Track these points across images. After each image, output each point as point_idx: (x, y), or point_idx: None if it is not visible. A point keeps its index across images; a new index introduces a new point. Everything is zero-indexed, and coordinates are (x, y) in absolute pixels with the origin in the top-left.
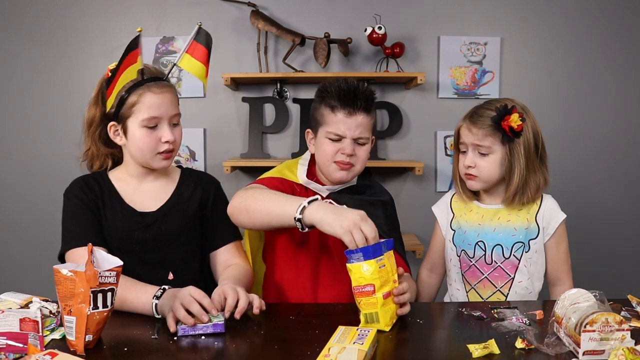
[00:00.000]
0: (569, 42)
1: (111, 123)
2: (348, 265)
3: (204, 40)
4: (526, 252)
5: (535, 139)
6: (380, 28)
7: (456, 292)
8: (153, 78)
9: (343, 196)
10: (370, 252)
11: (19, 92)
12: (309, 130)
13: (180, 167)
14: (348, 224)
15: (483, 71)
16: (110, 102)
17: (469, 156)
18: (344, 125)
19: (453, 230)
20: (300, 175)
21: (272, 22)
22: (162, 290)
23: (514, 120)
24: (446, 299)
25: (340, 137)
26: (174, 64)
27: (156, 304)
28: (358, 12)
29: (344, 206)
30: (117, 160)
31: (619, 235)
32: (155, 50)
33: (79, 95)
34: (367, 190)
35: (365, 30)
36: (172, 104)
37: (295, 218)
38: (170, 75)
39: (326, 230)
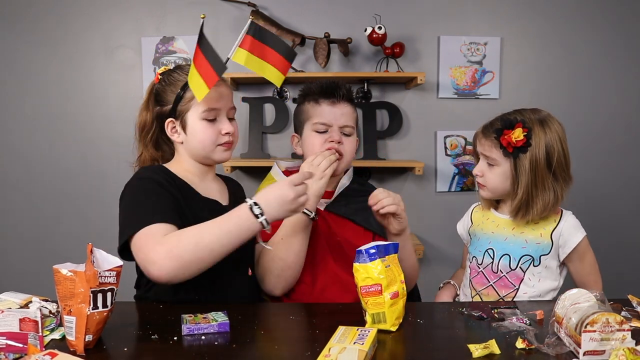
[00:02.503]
0: (569, 42)
1: (169, 120)
2: (355, 264)
3: (259, 34)
4: (535, 266)
5: (549, 154)
6: (380, 28)
7: (462, 298)
8: None
9: (338, 206)
10: (376, 252)
11: (18, 92)
12: (293, 134)
13: None
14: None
15: (483, 71)
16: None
17: (479, 164)
18: (329, 114)
19: (470, 237)
20: None
21: (272, 22)
22: (252, 202)
23: (515, 135)
24: None
25: (327, 127)
26: (228, 58)
27: (258, 208)
28: (358, 12)
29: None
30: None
31: (619, 235)
32: (155, 50)
33: (78, 95)
34: (361, 197)
35: (365, 30)
36: (228, 98)
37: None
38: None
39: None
